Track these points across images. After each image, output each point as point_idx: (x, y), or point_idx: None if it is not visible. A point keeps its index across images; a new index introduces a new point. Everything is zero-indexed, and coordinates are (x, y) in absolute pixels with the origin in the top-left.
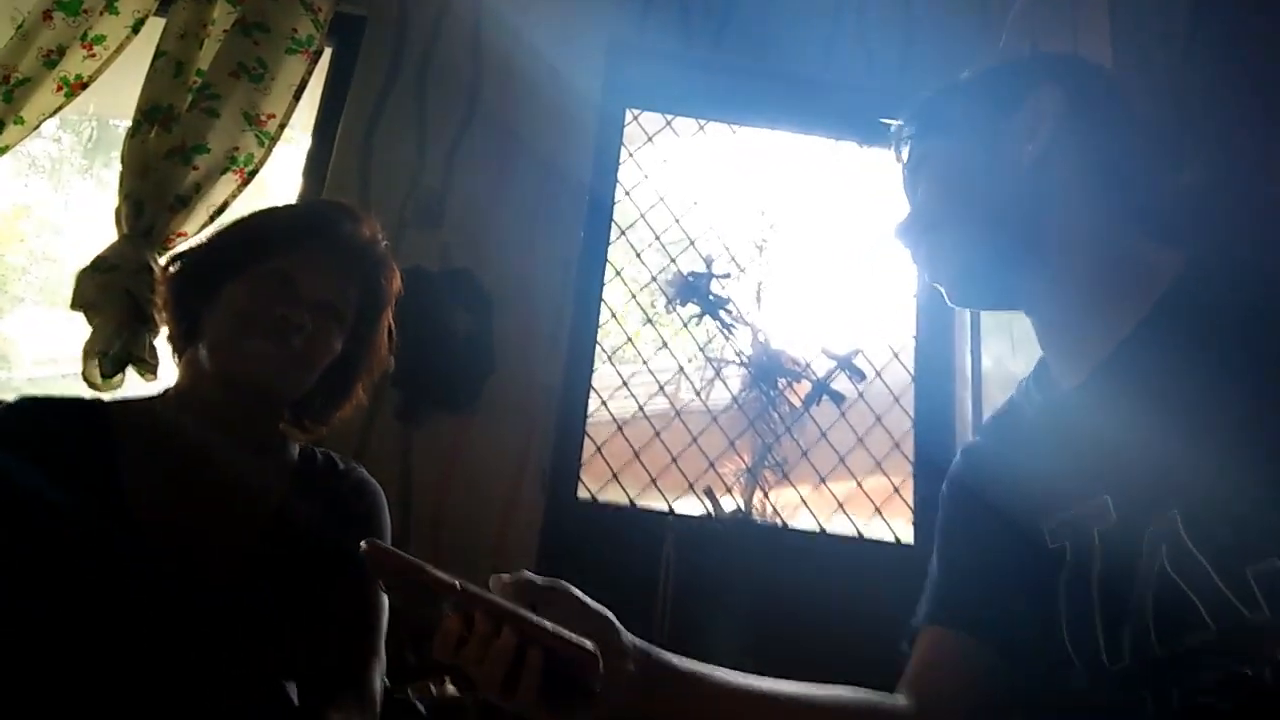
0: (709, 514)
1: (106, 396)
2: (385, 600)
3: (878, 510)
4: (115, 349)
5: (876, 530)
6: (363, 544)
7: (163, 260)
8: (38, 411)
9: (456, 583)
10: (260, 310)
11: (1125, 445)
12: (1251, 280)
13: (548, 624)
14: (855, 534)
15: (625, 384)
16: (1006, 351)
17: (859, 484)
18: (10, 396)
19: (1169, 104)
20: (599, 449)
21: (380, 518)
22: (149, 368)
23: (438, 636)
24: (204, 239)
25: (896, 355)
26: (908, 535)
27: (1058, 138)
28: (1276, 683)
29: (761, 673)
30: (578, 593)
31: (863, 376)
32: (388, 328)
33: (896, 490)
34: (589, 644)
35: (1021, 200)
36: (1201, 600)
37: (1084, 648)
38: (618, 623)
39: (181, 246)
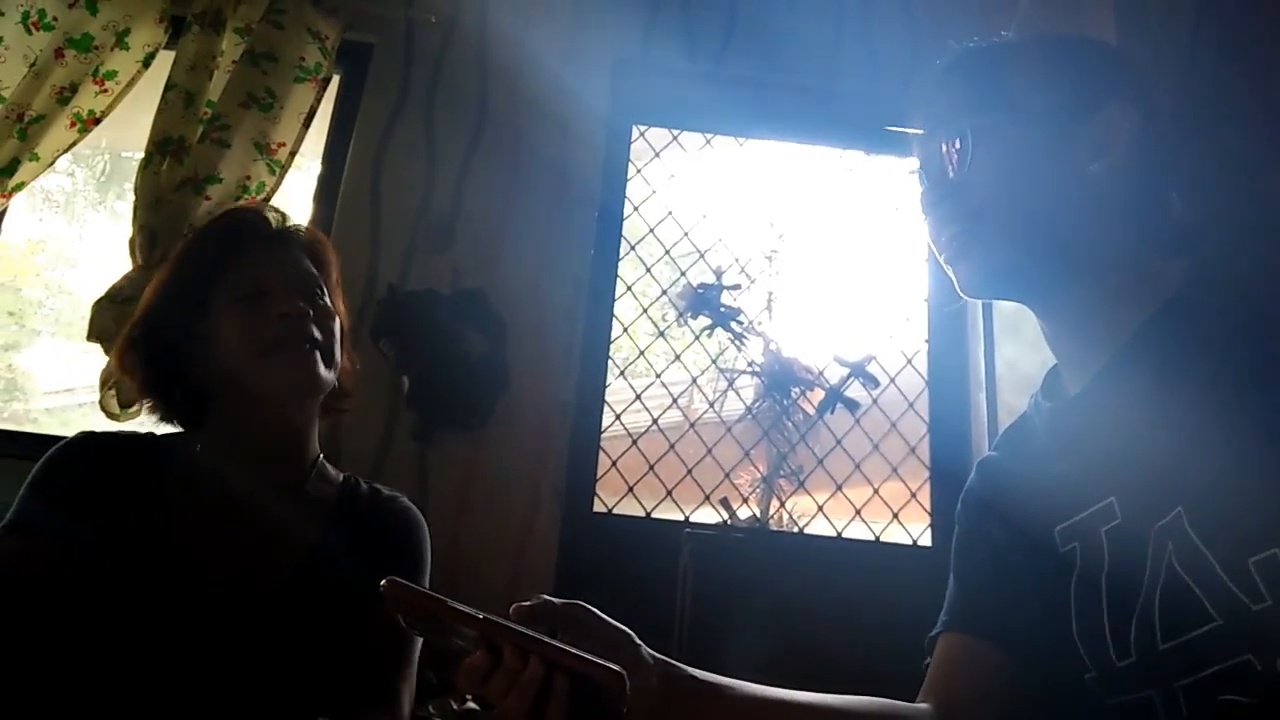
0: (725, 523)
1: (159, 432)
2: None
3: (895, 515)
4: None
5: (896, 536)
6: (382, 582)
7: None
8: (93, 446)
9: (479, 615)
10: (260, 323)
11: (1130, 447)
12: (1250, 287)
13: (573, 649)
14: (872, 539)
15: (639, 397)
16: (1019, 354)
17: (875, 490)
18: (27, 427)
19: (1177, 105)
20: (614, 463)
21: (420, 546)
22: None
23: (463, 669)
24: (146, 311)
25: (910, 360)
26: (926, 539)
27: (1124, 162)
28: None
29: (783, 680)
30: (597, 611)
31: (876, 383)
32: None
33: (914, 495)
34: (615, 666)
35: (1070, 211)
36: (1205, 593)
37: (1094, 647)
38: (637, 639)
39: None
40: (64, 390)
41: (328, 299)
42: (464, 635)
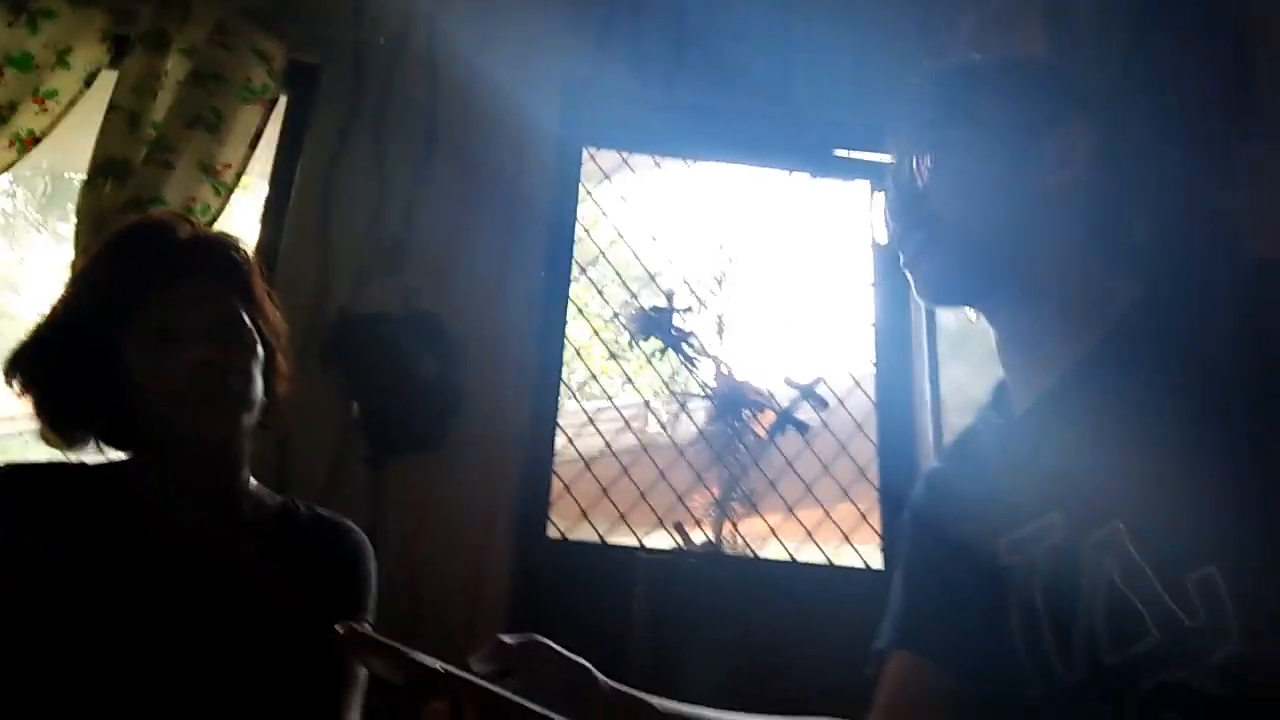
0: (679, 548)
1: (83, 460)
2: None
3: (846, 538)
4: None
5: (846, 558)
6: (337, 627)
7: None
8: (14, 477)
9: (439, 667)
10: (171, 372)
11: (1075, 463)
12: (1196, 311)
13: (534, 706)
14: (826, 562)
15: (591, 420)
16: (965, 377)
17: (827, 512)
18: None
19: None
20: (567, 487)
21: (365, 571)
22: None
23: (424, 716)
24: (43, 333)
25: (858, 383)
26: (877, 561)
27: (1079, 178)
28: (1223, 686)
29: (739, 704)
30: (553, 646)
31: (825, 405)
32: (268, 295)
33: (864, 517)
34: None
35: (1024, 223)
36: (1147, 608)
37: (1037, 660)
38: (595, 671)
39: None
40: (5, 419)
41: (248, 325)
42: (420, 684)
